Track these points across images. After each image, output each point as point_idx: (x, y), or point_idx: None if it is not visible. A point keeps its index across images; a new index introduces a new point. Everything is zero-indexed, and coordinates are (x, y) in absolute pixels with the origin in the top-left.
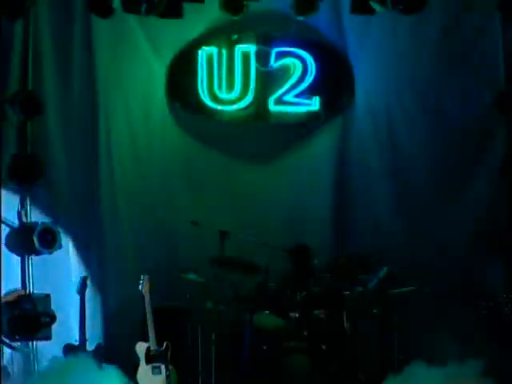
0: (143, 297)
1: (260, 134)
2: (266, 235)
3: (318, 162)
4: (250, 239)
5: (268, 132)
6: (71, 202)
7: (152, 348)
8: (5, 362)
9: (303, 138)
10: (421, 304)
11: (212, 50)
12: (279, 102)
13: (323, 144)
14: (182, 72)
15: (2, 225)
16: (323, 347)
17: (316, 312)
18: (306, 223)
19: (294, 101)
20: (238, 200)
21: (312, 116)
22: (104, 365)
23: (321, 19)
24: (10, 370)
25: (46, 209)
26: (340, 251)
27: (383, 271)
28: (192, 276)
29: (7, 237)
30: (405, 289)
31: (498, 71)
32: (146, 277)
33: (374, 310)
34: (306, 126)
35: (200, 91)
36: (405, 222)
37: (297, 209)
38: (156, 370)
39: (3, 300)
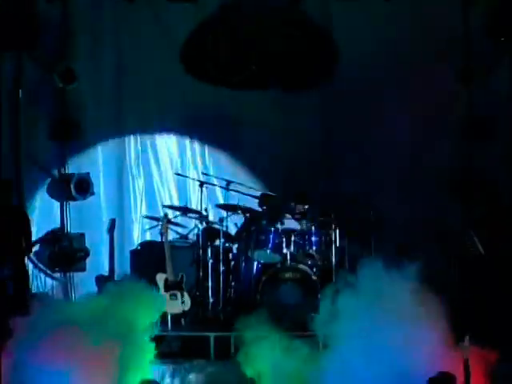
0: (162, 235)
1: (260, 97)
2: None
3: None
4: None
5: (267, 96)
6: (101, 156)
7: (169, 278)
8: (47, 289)
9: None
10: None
11: (220, 30)
12: (276, 73)
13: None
14: (194, 48)
15: None
16: (313, 278)
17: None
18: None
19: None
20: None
21: (300, 83)
22: None
23: (309, 6)
24: (52, 296)
25: (81, 162)
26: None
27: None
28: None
29: (49, 186)
30: None
31: (459, 46)
32: (165, 219)
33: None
34: (296, 90)
35: (208, 63)
36: (384, 171)
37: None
38: (173, 297)
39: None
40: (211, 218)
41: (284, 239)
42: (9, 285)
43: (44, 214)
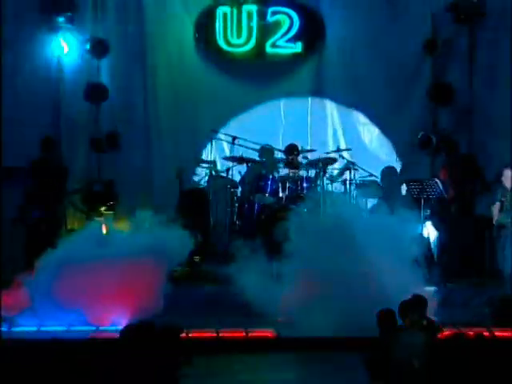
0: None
1: (259, 68)
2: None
3: (299, 88)
4: (253, 141)
5: (265, 67)
6: (127, 115)
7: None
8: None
9: (289, 70)
10: None
11: (226, 9)
12: (273, 45)
13: (302, 75)
14: (205, 24)
15: None
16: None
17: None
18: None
19: (284, 45)
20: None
21: (296, 56)
22: None
23: None
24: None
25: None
26: None
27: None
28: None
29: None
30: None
31: (426, 21)
32: (181, 167)
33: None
34: (291, 62)
35: (217, 38)
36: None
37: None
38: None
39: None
40: (219, 167)
41: (280, 185)
42: (40, 224)
43: (82, 164)
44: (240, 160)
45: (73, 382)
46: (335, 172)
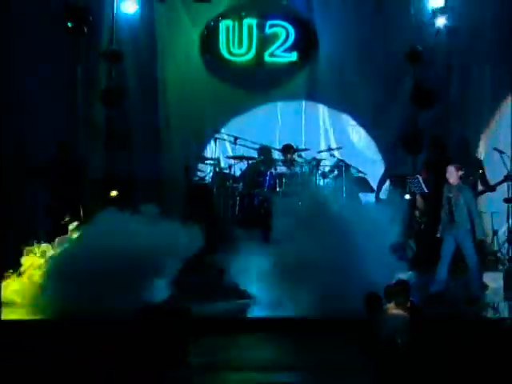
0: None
1: (259, 75)
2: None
3: (294, 93)
4: (252, 141)
5: (264, 74)
6: (139, 117)
7: None
8: None
9: (285, 77)
10: None
11: (229, 22)
12: (271, 55)
13: (297, 82)
14: (210, 37)
15: None
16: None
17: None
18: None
19: (280, 54)
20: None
21: (291, 64)
22: None
23: (296, 2)
24: None
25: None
26: None
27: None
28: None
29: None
30: None
31: (409, 32)
32: (188, 165)
33: None
34: (287, 70)
35: (221, 48)
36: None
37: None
38: None
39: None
40: (222, 165)
41: (277, 181)
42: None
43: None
44: (241, 158)
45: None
46: (327, 169)
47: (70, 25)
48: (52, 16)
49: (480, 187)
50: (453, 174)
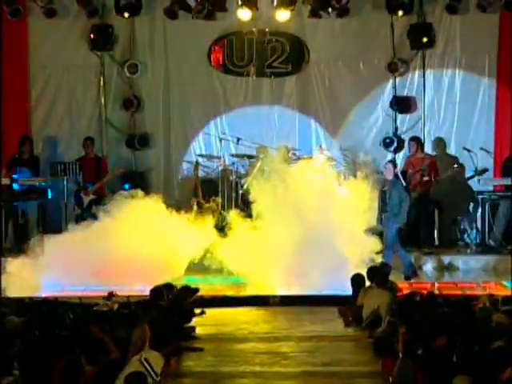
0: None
1: (259, 82)
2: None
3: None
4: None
5: (264, 81)
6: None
7: (200, 201)
8: None
9: (281, 82)
10: None
11: (233, 38)
12: (269, 66)
13: (291, 85)
14: (215, 50)
15: None
16: None
17: None
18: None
19: (278, 66)
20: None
21: (285, 73)
22: None
23: (291, 21)
24: None
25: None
26: None
27: None
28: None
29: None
30: None
31: (389, 46)
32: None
33: None
34: (282, 77)
35: (226, 60)
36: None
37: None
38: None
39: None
40: (227, 162)
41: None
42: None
43: (119, 158)
44: (243, 156)
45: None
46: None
47: (98, 39)
48: (79, 33)
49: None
50: (390, 171)
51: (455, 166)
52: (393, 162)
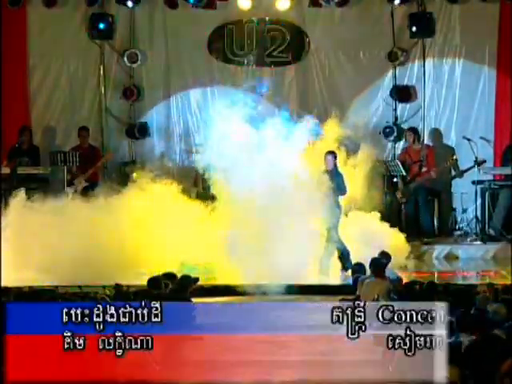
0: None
1: (259, 72)
2: None
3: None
4: None
5: (264, 71)
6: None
7: (200, 191)
8: None
9: (281, 71)
10: None
11: (232, 27)
12: (269, 55)
13: (290, 74)
14: (215, 39)
15: None
16: None
17: None
18: None
19: (277, 55)
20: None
21: (286, 63)
22: None
23: (291, 10)
24: None
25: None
26: None
27: None
28: None
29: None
30: None
31: (389, 35)
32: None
33: None
34: (282, 66)
35: (226, 49)
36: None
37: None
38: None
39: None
40: None
41: None
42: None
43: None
44: None
45: None
46: None
47: (98, 28)
48: (79, 22)
49: (453, 172)
50: (330, 162)
51: (453, 157)
52: (333, 152)
